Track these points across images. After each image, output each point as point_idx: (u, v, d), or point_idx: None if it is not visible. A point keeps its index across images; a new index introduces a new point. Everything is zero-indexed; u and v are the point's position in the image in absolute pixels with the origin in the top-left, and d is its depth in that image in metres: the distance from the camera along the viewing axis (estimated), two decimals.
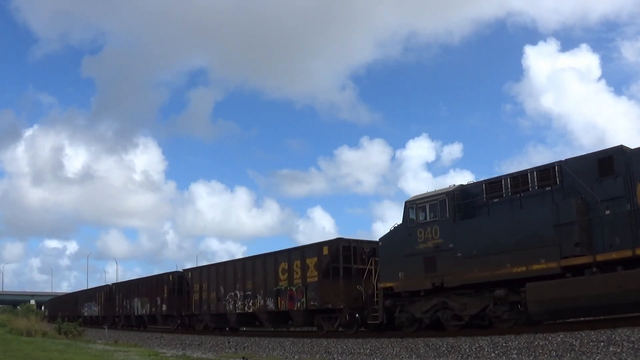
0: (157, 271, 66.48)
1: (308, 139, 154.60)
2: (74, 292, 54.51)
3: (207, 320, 27.75)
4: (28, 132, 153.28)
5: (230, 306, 25.51)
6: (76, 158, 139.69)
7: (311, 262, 21.08)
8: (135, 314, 35.42)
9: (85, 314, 44.12)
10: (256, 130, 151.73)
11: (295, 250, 22.56)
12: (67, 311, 47.41)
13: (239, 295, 24.88)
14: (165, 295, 31.51)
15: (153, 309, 32.83)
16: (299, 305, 21.54)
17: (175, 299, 30.44)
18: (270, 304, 22.99)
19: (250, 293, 24.21)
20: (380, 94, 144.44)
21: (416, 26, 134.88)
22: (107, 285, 43.43)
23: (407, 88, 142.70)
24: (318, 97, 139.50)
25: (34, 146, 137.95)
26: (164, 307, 31.61)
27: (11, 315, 57.90)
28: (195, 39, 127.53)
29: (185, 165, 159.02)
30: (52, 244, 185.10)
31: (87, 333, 31.33)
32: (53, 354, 17.40)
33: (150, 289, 33.31)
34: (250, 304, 24.16)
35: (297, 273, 21.72)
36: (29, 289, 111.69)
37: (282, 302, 22.34)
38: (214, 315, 27.03)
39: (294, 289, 21.76)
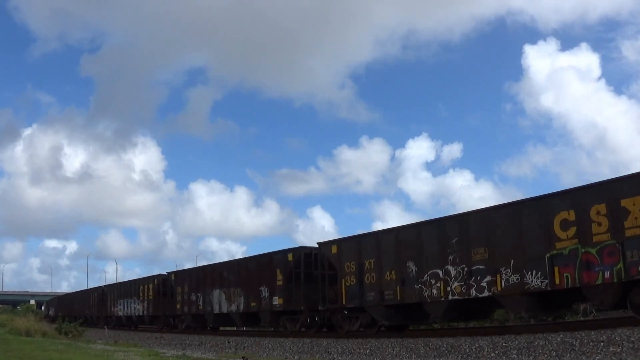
0: (156, 271, 66.94)
1: (307, 138, 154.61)
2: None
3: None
4: (27, 132, 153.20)
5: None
6: (75, 157, 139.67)
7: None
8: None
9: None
10: (255, 129, 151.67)
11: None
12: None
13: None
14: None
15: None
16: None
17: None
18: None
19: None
20: (380, 92, 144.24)
21: (415, 24, 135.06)
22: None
23: (407, 86, 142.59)
24: (317, 96, 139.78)
25: (32, 146, 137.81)
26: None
27: (11, 315, 57.84)
28: (194, 37, 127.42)
29: (184, 165, 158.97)
30: (52, 243, 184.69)
31: (87, 333, 31.34)
32: (53, 354, 17.40)
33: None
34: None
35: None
36: (28, 289, 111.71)
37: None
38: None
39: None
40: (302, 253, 21.88)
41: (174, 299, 29.84)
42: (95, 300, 42.98)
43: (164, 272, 33.30)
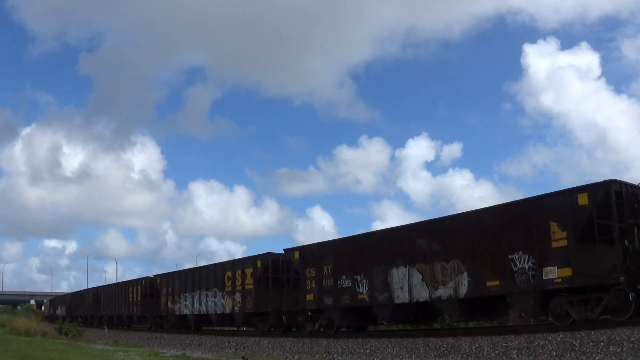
0: (156, 271, 66.27)
1: (306, 137, 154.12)
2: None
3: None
4: (25, 131, 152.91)
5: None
6: (74, 157, 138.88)
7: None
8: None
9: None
10: (254, 128, 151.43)
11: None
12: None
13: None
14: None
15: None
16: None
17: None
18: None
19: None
20: (379, 91, 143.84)
21: (415, 22, 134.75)
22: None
23: (406, 85, 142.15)
24: (316, 95, 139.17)
25: (31, 145, 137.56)
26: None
27: (11, 315, 57.81)
28: (192, 36, 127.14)
29: (183, 164, 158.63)
30: (51, 243, 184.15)
31: (87, 333, 31.35)
32: (53, 354, 17.40)
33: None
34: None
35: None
36: (28, 288, 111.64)
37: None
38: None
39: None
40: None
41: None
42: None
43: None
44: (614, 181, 13.68)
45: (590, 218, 13.51)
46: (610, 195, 13.46)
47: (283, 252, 22.82)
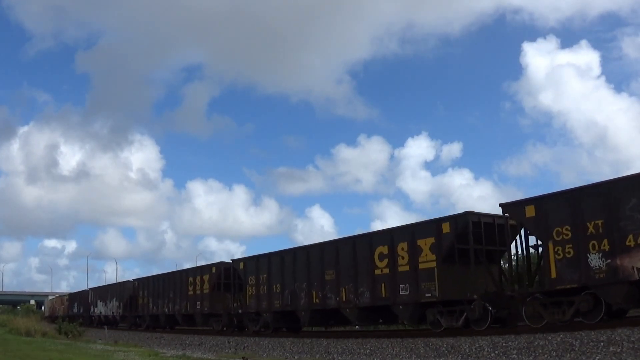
0: (156, 271, 65.28)
1: (305, 136, 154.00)
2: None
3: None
4: (23, 130, 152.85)
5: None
6: (72, 156, 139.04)
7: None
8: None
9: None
10: (252, 126, 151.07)
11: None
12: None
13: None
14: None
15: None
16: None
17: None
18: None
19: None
20: (378, 88, 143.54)
21: (413, 18, 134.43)
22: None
23: (405, 83, 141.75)
24: (314, 92, 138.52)
25: (29, 144, 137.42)
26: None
27: (11, 315, 57.80)
28: (190, 33, 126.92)
29: (181, 163, 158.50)
30: (51, 243, 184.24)
31: (87, 333, 31.34)
32: (53, 354, 17.41)
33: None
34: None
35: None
36: (28, 288, 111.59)
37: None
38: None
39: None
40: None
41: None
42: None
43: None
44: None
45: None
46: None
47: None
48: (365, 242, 18.83)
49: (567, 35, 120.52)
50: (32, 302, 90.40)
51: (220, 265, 26.91)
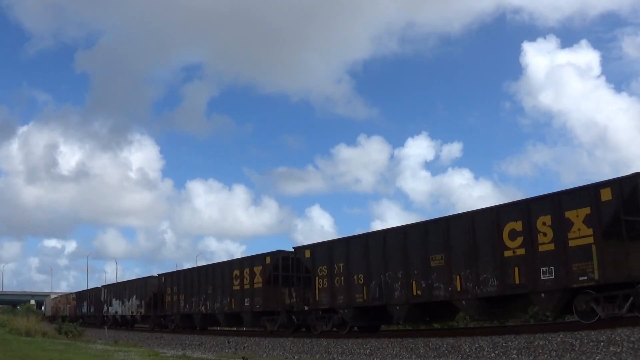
0: (156, 271, 64.64)
1: (304, 135, 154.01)
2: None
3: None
4: (23, 129, 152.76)
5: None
6: (71, 156, 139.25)
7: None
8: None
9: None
10: (251, 126, 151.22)
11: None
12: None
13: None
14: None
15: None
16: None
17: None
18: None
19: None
20: (378, 88, 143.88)
21: (413, 17, 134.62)
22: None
23: (405, 82, 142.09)
24: (313, 91, 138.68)
25: (28, 143, 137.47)
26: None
27: (11, 315, 57.78)
28: (189, 33, 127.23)
29: (181, 163, 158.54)
30: (51, 243, 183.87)
31: (87, 333, 31.35)
32: (53, 354, 17.40)
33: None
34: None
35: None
36: (28, 288, 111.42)
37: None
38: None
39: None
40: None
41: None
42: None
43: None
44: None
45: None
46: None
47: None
48: (490, 218, 15.44)
49: (567, 35, 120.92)
50: (32, 302, 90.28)
51: (277, 254, 22.96)
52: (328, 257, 20.00)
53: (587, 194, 13.62)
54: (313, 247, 21.02)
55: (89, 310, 43.73)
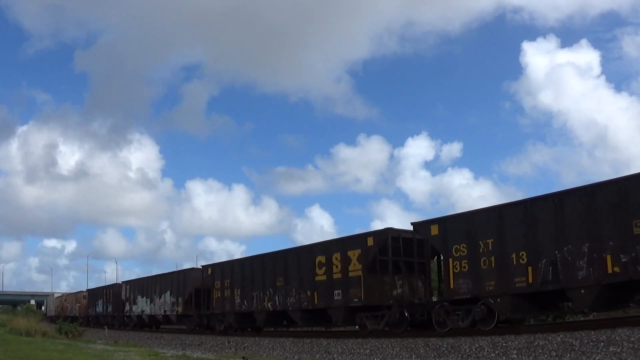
0: (155, 271, 63.71)
1: (304, 135, 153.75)
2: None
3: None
4: (22, 129, 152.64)
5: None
6: (71, 155, 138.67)
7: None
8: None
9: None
10: (251, 125, 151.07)
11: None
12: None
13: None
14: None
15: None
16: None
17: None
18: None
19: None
20: (378, 87, 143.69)
21: (413, 16, 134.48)
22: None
23: (405, 82, 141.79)
24: (313, 91, 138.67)
25: (27, 143, 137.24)
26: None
27: (11, 315, 57.77)
28: (188, 32, 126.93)
29: (181, 163, 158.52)
30: (50, 243, 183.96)
31: (86, 333, 31.36)
32: (53, 354, 17.42)
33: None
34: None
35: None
36: (28, 288, 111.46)
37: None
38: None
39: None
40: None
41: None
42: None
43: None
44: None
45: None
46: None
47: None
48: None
49: (567, 34, 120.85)
50: (32, 302, 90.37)
51: (386, 233, 18.52)
52: (467, 232, 16.00)
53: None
54: (443, 221, 16.92)
55: (105, 310, 39.71)
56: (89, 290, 45.92)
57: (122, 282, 38.26)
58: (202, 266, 27.41)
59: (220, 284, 25.31)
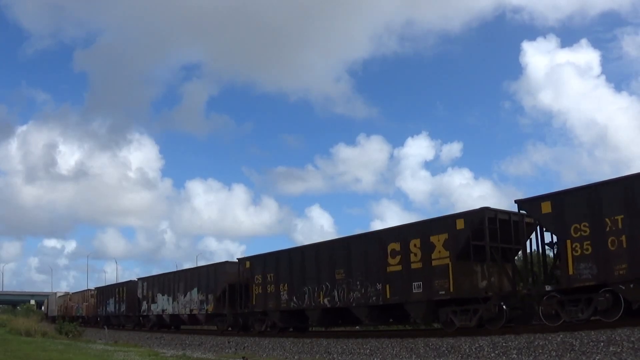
0: (155, 271, 62.76)
1: (303, 135, 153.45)
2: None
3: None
4: (21, 129, 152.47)
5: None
6: (70, 155, 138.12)
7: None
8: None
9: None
10: (251, 125, 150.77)
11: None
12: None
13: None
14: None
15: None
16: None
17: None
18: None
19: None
20: (377, 86, 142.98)
21: (413, 15, 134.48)
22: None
23: (405, 81, 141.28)
24: (313, 90, 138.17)
25: (27, 143, 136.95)
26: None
27: (11, 315, 57.78)
28: (188, 32, 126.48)
29: (180, 163, 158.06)
30: (50, 243, 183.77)
31: (86, 333, 31.36)
32: (53, 354, 17.42)
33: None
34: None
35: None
36: (28, 288, 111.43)
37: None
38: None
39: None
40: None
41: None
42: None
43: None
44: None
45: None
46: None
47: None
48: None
49: (567, 34, 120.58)
50: (32, 302, 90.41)
51: (481, 214, 15.94)
52: (590, 208, 13.71)
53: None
54: (559, 196, 14.49)
55: (117, 309, 37.20)
56: (98, 289, 43.57)
57: (138, 278, 35.08)
58: (239, 259, 25.01)
59: (261, 279, 22.94)
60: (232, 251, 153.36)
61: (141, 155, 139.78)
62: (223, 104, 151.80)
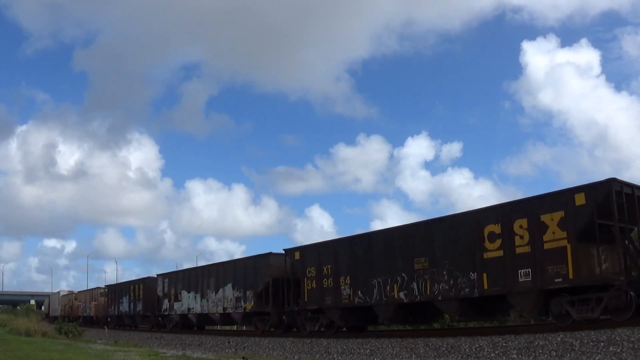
0: (155, 271, 61.84)
1: (303, 135, 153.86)
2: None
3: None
4: (21, 129, 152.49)
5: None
6: (70, 155, 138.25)
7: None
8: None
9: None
10: (250, 125, 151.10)
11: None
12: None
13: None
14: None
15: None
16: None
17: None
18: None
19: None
20: (377, 86, 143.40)
21: (412, 15, 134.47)
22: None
23: (404, 81, 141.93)
24: (312, 90, 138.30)
25: (27, 143, 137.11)
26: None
27: (11, 315, 57.77)
28: (188, 31, 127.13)
29: (180, 163, 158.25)
30: (50, 243, 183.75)
31: (86, 333, 31.37)
32: (53, 354, 17.43)
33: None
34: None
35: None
36: (28, 288, 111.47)
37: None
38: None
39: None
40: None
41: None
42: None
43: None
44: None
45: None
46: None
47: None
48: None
49: (567, 34, 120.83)
50: (32, 302, 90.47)
51: (609, 185, 13.42)
52: None
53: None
54: None
55: (132, 309, 34.29)
56: (108, 286, 40.53)
57: (158, 275, 31.97)
58: (285, 250, 22.05)
59: (315, 272, 20.24)
60: (232, 251, 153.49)
61: (141, 155, 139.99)
62: (223, 103, 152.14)
